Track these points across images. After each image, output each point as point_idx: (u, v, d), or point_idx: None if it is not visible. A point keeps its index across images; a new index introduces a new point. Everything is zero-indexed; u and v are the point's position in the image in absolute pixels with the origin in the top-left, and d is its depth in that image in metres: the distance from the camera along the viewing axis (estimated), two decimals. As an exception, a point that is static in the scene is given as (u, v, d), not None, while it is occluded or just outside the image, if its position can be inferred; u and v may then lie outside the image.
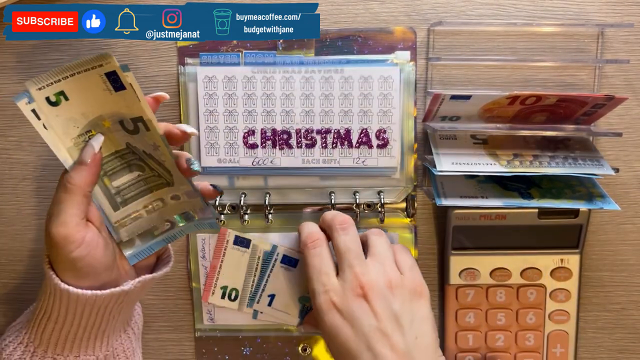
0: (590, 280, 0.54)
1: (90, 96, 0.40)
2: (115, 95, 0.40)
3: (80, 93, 0.40)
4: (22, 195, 0.54)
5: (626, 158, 0.53)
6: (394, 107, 0.50)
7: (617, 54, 0.52)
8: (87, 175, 0.41)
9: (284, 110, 0.50)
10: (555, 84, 0.52)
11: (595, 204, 0.49)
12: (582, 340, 0.55)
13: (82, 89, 0.39)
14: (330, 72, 0.50)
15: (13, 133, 0.54)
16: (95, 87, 0.40)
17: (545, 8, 0.51)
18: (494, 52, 0.52)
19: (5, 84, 0.53)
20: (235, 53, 0.51)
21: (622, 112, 0.52)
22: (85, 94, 0.40)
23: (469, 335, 0.53)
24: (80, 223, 0.41)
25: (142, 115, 0.41)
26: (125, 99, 0.40)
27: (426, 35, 0.51)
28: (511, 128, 0.50)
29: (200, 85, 0.50)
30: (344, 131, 0.51)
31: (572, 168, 0.49)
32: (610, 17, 0.51)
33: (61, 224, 0.40)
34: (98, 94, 0.40)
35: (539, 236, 0.51)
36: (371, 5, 0.51)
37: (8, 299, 0.56)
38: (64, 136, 0.41)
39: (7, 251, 0.55)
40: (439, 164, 0.49)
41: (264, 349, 0.55)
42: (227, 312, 0.54)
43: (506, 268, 0.52)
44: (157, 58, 0.52)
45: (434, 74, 0.52)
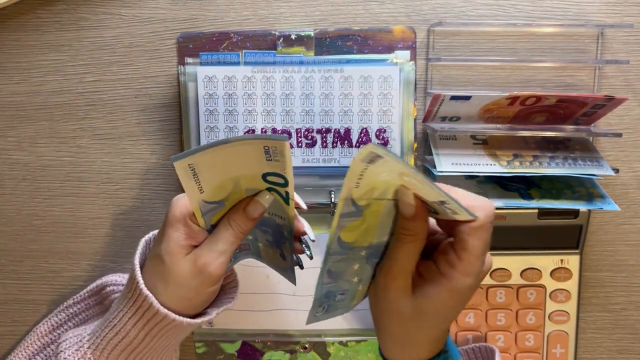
0: (590, 281, 0.54)
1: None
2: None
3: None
4: (22, 195, 0.54)
5: (626, 158, 0.53)
6: (394, 107, 0.50)
7: (616, 54, 0.52)
8: (252, 226, 0.43)
9: (284, 109, 0.50)
10: (555, 85, 0.52)
11: (595, 205, 0.49)
12: (582, 340, 0.55)
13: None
14: (330, 71, 0.50)
15: (13, 133, 0.54)
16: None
17: (545, 8, 0.51)
18: (494, 52, 0.52)
19: (5, 84, 0.53)
20: (235, 53, 0.51)
21: (622, 112, 0.52)
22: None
23: (469, 336, 0.53)
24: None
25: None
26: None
27: (426, 35, 0.51)
28: (511, 128, 0.50)
29: (200, 85, 0.50)
30: (344, 131, 0.51)
31: (572, 168, 0.49)
32: (610, 18, 0.51)
33: (222, 264, 0.41)
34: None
35: (538, 236, 0.51)
36: (371, 5, 0.51)
37: (8, 299, 0.56)
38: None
39: (7, 251, 0.55)
40: (439, 164, 0.49)
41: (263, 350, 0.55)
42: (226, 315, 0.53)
43: (506, 268, 0.52)
44: (157, 58, 0.52)
45: (433, 74, 0.52)
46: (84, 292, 0.52)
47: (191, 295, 0.42)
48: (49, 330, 0.51)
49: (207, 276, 0.41)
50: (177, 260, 0.41)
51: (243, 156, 0.39)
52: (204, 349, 0.55)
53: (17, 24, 0.52)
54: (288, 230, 0.43)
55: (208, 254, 0.41)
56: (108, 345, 0.43)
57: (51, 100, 0.53)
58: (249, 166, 0.40)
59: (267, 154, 0.38)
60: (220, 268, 0.41)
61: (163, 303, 0.41)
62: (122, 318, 0.42)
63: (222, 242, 0.41)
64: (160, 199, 0.54)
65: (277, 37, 0.51)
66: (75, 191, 0.54)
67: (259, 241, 0.47)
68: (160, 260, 0.41)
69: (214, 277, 0.41)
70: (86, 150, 0.54)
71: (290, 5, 0.51)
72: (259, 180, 0.41)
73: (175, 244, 0.41)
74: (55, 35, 0.52)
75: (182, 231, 0.41)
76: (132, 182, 0.54)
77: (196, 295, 0.42)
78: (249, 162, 0.39)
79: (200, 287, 0.42)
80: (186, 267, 0.41)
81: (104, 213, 0.54)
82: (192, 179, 0.38)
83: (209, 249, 0.41)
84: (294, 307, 0.53)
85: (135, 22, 0.52)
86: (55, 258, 0.55)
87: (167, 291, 0.41)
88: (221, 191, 0.41)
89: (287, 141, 0.37)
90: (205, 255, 0.41)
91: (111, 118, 0.53)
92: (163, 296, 0.41)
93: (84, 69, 0.53)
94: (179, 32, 0.52)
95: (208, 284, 0.42)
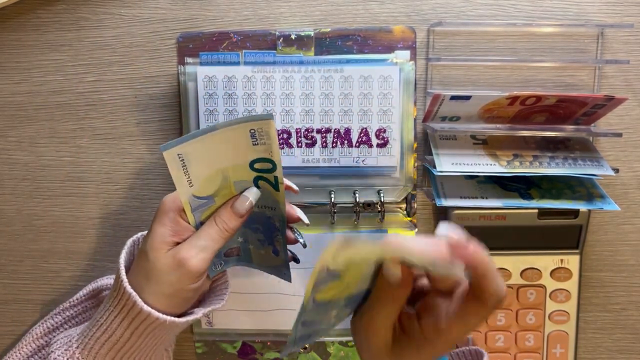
0: (590, 281, 0.54)
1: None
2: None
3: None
4: (22, 195, 0.54)
5: (626, 158, 0.53)
6: (394, 107, 0.50)
7: (616, 54, 0.52)
8: (240, 224, 0.43)
9: (284, 109, 0.50)
10: (555, 85, 0.52)
11: (595, 205, 0.49)
12: (582, 340, 0.55)
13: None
14: (330, 71, 0.50)
15: (13, 133, 0.54)
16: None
17: (545, 8, 0.51)
18: (494, 52, 0.52)
19: (5, 84, 0.53)
20: (235, 53, 0.51)
21: (622, 112, 0.52)
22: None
23: (469, 336, 0.53)
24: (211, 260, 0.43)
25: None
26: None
27: (426, 35, 0.51)
28: (511, 128, 0.50)
29: (200, 85, 0.50)
30: (344, 130, 0.51)
31: (572, 168, 0.48)
32: (610, 18, 0.51)
33: (202, 260, 0.41)
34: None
35: (538, 236, 0.51)
36: (371, 5, 0.51)
37: (8, 299, 0.56)
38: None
39: (7, 251, 0.55)
40: (439, 164, 0.49)
41: (263, 350, 0.55)
42: (226, 315, 0.54)
43: (506, 268, 0.52)
44: (157, 58, 0.52)
45: (433, 74, 0.52)
46: (80, 295, 0.52)
47: (170, 292, 0.41)
48: (44, 333, 0.51)
49: (186, 271, 0.41)
50: (159, 255, 0.41)
51: (231, 143, 0.39)
52: (204, 349, 0.55)
53: (17, 24, 0.52)
54: (280, 219, 0.43)
55: (189, 249, 0.41)
56: (95, 344, 0.43)
57: (51, 100, 0.53)
58: (236, 154, 0.40)
59: (253, 137, 0.38)
60: (200, 264, 0.41)
61: (147, 301, 0.41)
62: (108, 317, 0.42)
63: (204, 238, 0.41)
64: (160, 199, 0.54)
65: (277, 37, 0.51)
66: (75, 191, 0.54)
67: (250, 243, 0.47)
68: (145, 256, 0.42)
69: (193, 272, 0.41)
70: (86, 150, 0.54)
71: (290, 5, 0.51)
72: (247, 170, 0.41)
73: (160, 239, 0.41)
74: (55, 35, 0.52)
75: (169, 227, 0.41)
76: (132, 182, 0.54)
77: (176, 292, 0.42)
78: (237, 149, 0.39)
79: (179, 283, 0.41)
80: (166, 261, 0.41)
81: (104, 213, 0.54)
82: (181, 170, 0.39)
83: (190, 244, 0.41)
84: (294, 307, 0.53)
85: (135, 22, 0.52)
86: (55, 258, 0.55)
87: (149, 288, 0.41)
88: (210, 185, 0.41)
89: (272, 119, 0.37)
90: (185, 249, 0.41)
91: (111, 118, 0.53)
92: (147, 294, 0.41)
93: (84, 69, 0.53)
94: (179, 32, 0.52)
95: (187, 280, 0.41)
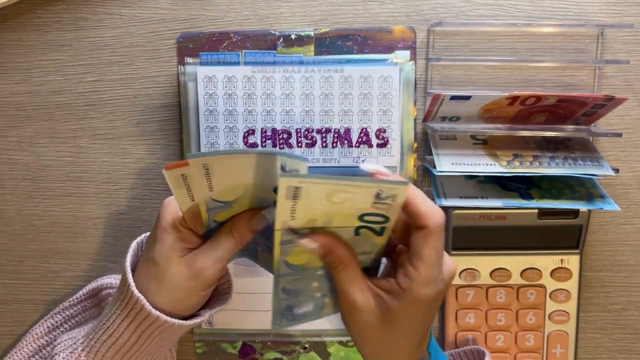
0: (590, 281, 0.54)
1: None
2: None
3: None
4: (22, 195, 0.54)
5: (626, 158, 0.53)
6: (394, 107, 0.50)
7: (616, 54, 0.52)
8: (252, 237, 0.43)
9: (284, 109, 0.50)
10: (555, 85, 0.52)
11: (595, 205, 0.49)
12: (582, 340, 0.55)
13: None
14: (330, 71, 0.50)
15: (13, 133, 0.54)
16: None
17: (545, 8, 0.51)
18: (494, 52, 0.52)
19: (5, 84, 0.53)
20: (235, 53, 0.51)
21: (622, 112, 0.52)
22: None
23: (469, 336, 0.53)
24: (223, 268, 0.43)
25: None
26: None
27: (426, 35, 0.51)
28: (511, 128, 0.50)
29: (200, 85, 0.50)
30: (344, 130, 0.51)
31: (572, 168, 0.48)
32: (610, 18, 0.51)
33: (218, 270, 0.42)
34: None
35: (539, 236, 0.51)
36: (371, 5, 0.51)
37: (8, 299, 0.56)
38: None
39: (7, 251, 0.55)
40: (439, 164, 0.49)
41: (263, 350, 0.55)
42: (226, 315, 0.54)
43: (506, 268, 0.52)
44: (157, 58, 0.52)
45: (433, 74, 0.52)
46: (80, 294, 0.52)
47: (183, 297, 0.42)
48: (45, 332, 0.51)
49: (202, 280, 0.41)
50: (172, 262, 0.41)
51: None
52: (204, 349, 0.55)
53: (17, 24, 0.52)
54: (373, 262, 0.42)
55: (205, 259, 0.41)
56: (102, 347, 0.43)
57: (51, 100, 0.53)
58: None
59: (377, 197, 0.36)
60: (215, 274, 0.42)
61: (155, 305, 0.41)
62: (114, 320, 0.42)
63: (221, 250, 0.42)
64: (160, 199, 0.54)
65: (277, 37, 0.51)
66: (75, 191, 0.54)
67: (259, 245, 0.47)
68: (153, 262, 0.42)
69: (208, 281, 0.42)
70: (86, 150, 0.54)
71: (290, 5, 0.51)
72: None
73: (169, 246, 0.41)
74: (55, 35, 0.52)
75: (175, 235, 0.41)
76: (132, 182, 0.54)
77: (188, 298, 0.42)
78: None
79: (193, 290, 0.42)
80: (181, 269, 0.41)
81: (104, 213, 0.54)
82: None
83: (207, 255, 0.41)
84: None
85: (135, 22, 0.52)
86: (55, 258, 0.55)
87: (159, 293, 0.41)
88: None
89: (408, 185, 0.35)
90: (202, 259, 0.41)
91: (111, 118, 0.53)
92: (155, 298, 0.41)
93: (84, 69, 0.53)
94: (179, 32, 0.52)
95: (202, 288, 0.42)
